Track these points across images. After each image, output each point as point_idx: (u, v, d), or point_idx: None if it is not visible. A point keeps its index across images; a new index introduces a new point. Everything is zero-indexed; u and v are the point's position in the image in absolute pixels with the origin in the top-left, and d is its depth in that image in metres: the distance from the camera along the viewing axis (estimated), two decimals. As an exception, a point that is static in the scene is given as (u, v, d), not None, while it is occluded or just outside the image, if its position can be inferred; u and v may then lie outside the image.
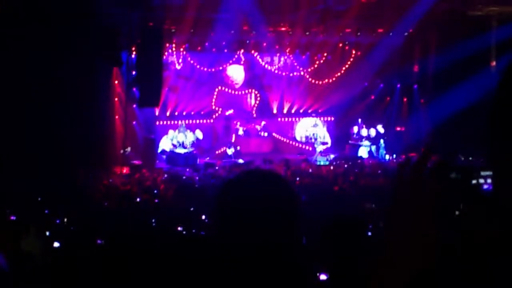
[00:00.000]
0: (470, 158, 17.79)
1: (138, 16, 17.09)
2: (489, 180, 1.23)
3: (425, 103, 21.98)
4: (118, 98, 19.21)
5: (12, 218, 8.91)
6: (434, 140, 20.06)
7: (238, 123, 22.48)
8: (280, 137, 23.02)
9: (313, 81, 23.09)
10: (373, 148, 21.70)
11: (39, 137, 14.61)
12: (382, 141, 21.37)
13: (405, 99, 22.84)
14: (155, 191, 14.04)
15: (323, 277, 3.69)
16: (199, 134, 21.06)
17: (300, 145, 22.92)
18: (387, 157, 20.95)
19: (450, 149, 18.08)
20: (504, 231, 1.14)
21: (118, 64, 18.04)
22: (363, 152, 21.46)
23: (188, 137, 20.57)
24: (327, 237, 3.21)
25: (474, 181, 1.23)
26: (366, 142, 21.80)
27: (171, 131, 21.01)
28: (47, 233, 7.27)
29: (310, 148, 22.05)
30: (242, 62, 22.49)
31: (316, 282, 3.59)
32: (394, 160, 20.49)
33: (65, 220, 9.15)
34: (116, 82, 19.02)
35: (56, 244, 6.20)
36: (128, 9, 16.44)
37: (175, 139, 20.54)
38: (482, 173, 1.24)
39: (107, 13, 15.92)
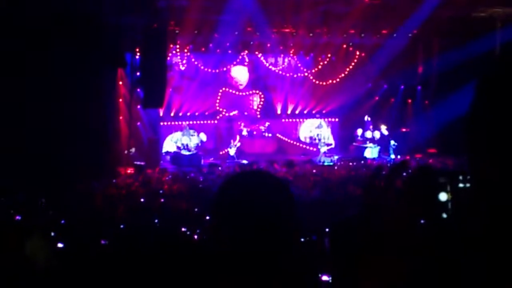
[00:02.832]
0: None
1: (143, 18, 17.12)
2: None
3: (429, 105, 21.97)
4: (122, 99, 19.26)
5: (17, 217, 8.96)
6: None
7: (242, 124, 22.50)
8: (284, 138, 23.03)
9: (317, 82, 23.10)
10: (377, 149, 21.70)
11: (43, 138, 14.66)
12: (392, 142, 21.32)
13: (409, 101, 22.83)
14: (161, 191, 14.06)
15: (325, 278, 3.71)
16: (203, 136, 21.11)
17: (304, 146, 22.92)
18: (397, 156, 20.84)
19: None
20: (484, 235, 1.16)
21: (122, 65, 18.09)
22: (370, 153, 21.47)
23: (193, 140, 20.61)
24: (331, 238, 3.23)
25: (461, 185, 1.26)
26: (371, 144, 21.81)
27: (175, 134, 21.06)
28: (52, 234, 7.31)
29: (315, 149, 22.06)
30: (246, 63, 22.52)
31: (318, 283, 3.61)
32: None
33: (69, 220, 9.19)
34: (121, 83, 19.08)
35: (60, 245, 6.23)
36: (132, 11, 16.48)
37: (180, 142, 20.59)
38: (469, 177, 1.26)
39: (111, 14, 15.96)
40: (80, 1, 14.64)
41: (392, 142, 21.29)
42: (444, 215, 1.24)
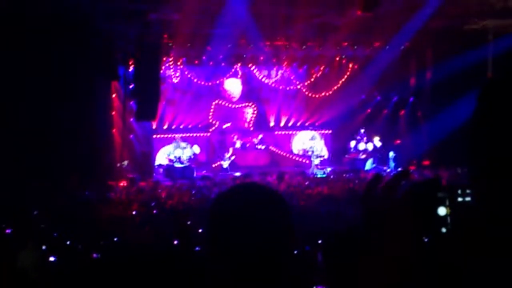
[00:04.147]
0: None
1: (136, 31, 17.14)
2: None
3: (422, 116, 22.04)
4: (116, 112, 19.22)
5: (8, 231, 8.89)
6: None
7: (235, 137, 22.48)
8: (277, 150, 23.02)
9: (310, 94, 23.15)
10: (370, 161, 21.75)
11: (37, 150, 14.61)
12: (391, 153, 21.34)
13: (402, 112, 22.90)
14: (153, 204, 13.99)
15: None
16: (196, 149, 21.08)
17: (297, 158, 22.92)
18: (398, 169, 20.82)
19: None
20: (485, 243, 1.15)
21: (115, 78, 18.09)
22: (367, 165, 21.53)
23: (185, 153, 20.57)
24: (327, 250, 3.20)
25: (460, 199, 1.24)
26: (363, 156, 21.87)
27: (168, 146, 21.02)
28: (43, 247, 7.25)
29: (307, 161, 22.05)
30: (239, 76, 22.55)
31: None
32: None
33: (62, 234, 9.12)
34: (114, 95, 19.05)
35: (51, 258, 6.18)
36: (125, 24, 16.49)
37: (172, 155, 20.55)
38: (468, 191, 1.24)
39: (104, 27, 15.97)
40: (72, 11, 14.61)
41: (391, 153, 21.30)
42: (443, 230, 1.22)
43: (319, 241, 6.73)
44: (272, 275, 1.60)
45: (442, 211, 1.22)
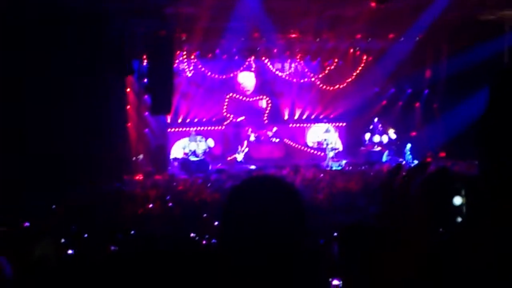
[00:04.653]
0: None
1: (150, 25, 17.18)
2: None
3: (438, 108, 21.89)
4: (131, 106, 19.31)
5: (26, 224, 8.99)
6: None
7: (250, 130, 22.50)
8: (291, 143, 23.00)
9: (324, 87, 23.08)
10: (385, 153, 21.68)
11: (53, 144, 14.72)
12: (408, 145, 21.25)
13: (417, 104, 22.76)
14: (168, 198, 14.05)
15: (335, 282, 3.70)
16: (210, 142, 21.13)
17: (312, 151, 22.88)
18: (415, 162, 20.74)
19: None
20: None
21: (129, 72, 18.17)
22: (383, 157, 21.48)
23: (200, 146, 20.63)
24: (342, 243, 3.22)
25: (476, 189, 1.25)
26: (378, 148, 21.79)
27: (183, 140, 21.10)
28: (62, 240, 7.33)
29: (322, 154, 22.02)
30: (252, 69, 22.54)
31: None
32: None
33: (79, 226, 9.21)
34: (129, 90, 19.14)
35: (70, 251, 6.25)
36: (140, 18, 16.54)
37: (187, 148, 20.61)
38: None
39: (119, 22, 16.03)
40: (87, 6, 14.68)
41: (408, 145, 21.20)
42: (459, 219, 1.23)
43: (335, 234, 6.74)
44: (286, 267, 1.61)
45: (457, 200, 1.23)
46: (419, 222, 1.23)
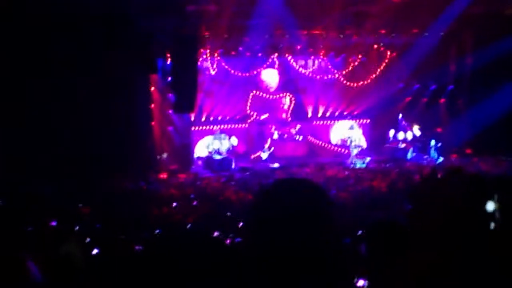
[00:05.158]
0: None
1: (173, 23, 17.25)
2: None
3: (463, 104, 21.65)
4: (155, 104, 19.42)
5: (53, 223, 9.09)
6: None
7: (273, 127, 22.48)
8: (315, 141, 22.92)
9: (348, 83, 22.94)
10: (411, 150, 21.49)
11: (78, 143, 14.89)
12: (433, 142, 21.06)
13: (442, 100, 22.53)
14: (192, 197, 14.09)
15: (361, 282, 3.66)
16: (234, 141, 21.15)
17: (336, 148, 22.79)
18: (440, 158, 20.54)
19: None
20: None
21: (153, 71, 18.27)
22: (408, 154, 21.31)
23: (224, 144, 20.68)
24: (371, 242, 3.18)
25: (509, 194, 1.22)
26: (403, 145, 21.61)
27: (206, 138, 21.16)
28: (87, 239, 7.39)
29: (346, 151, 21.91)
30: (276, 66, 22.50)
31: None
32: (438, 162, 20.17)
33: (105, 225, 9.28)
34: (153, 88, 19.24)
35: (95, 251, 6.29)
36: (163, 16, 16.62)
37: (211, 146, 20.67)
38: None
39: (143, 20, 16.12)
40: (110, 6, 14.80)
41: (433, 142, 21.00)
42: (492, 225, 1.20)
43: (360, 233, 6.69)
44: (315, 267, 1.60)
45: (490, 206, 1.19)
46: (449, 226, 1.21)
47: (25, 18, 14.11)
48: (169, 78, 18.89)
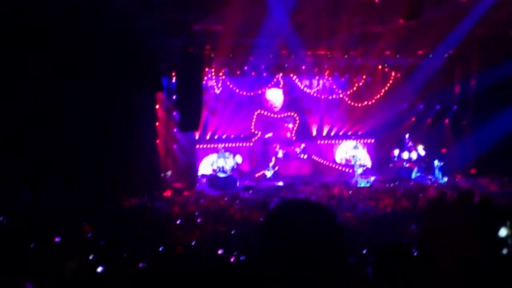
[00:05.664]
0: None
1: (179, 42, 17.37)
2: None
3: (467, 124, 21.67)
4: (159, 122, 19.49)
5: (57, 240, 9.09)
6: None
7: (278, 146, 22.50)
8: (319, 160, 22.93)
9: (352, 103, 23.00)
10: (415, 170, 21.46)
11: (84, 160, 14.93)
12: (436, 162, 21.04)
13: (446, 121, 22.55)
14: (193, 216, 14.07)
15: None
16: (238, 159, 21.17)
17: (340, 168, 22.78)
18: (444, 179, 20.49)
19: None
20: None
21: (159, 89, 18.36)
22: (413, 174, 21.28)
23: (228, 162, 20.70)
24: (376, 262, 3.19)
25: None
26: (407, 165, 21.59)
27: (211, 156, 21.20)
28: (90, 257, 7.39)
29: (350, 171, 21.90)
30: (281, 86, 22.57)
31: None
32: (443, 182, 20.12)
33: (108, 243, 9.28)
34: (158, 106, 19.32)
35: (99, 269, 6.29)
36: (169, 36, 16.75)
37: (215, 164, 20.70)
38: None
39: (149, 39, 16.24)
40: (117, 24, 14.92)
41: (436, 162, 20.98)
42: (504, 251, 1.20)
43: (365, 251, 6.68)
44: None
45: (503, 232, 1.19)
46: (460, 252, 1.21)
47: (29, 42, 14.20)
48: (174, 97, 18.97)
